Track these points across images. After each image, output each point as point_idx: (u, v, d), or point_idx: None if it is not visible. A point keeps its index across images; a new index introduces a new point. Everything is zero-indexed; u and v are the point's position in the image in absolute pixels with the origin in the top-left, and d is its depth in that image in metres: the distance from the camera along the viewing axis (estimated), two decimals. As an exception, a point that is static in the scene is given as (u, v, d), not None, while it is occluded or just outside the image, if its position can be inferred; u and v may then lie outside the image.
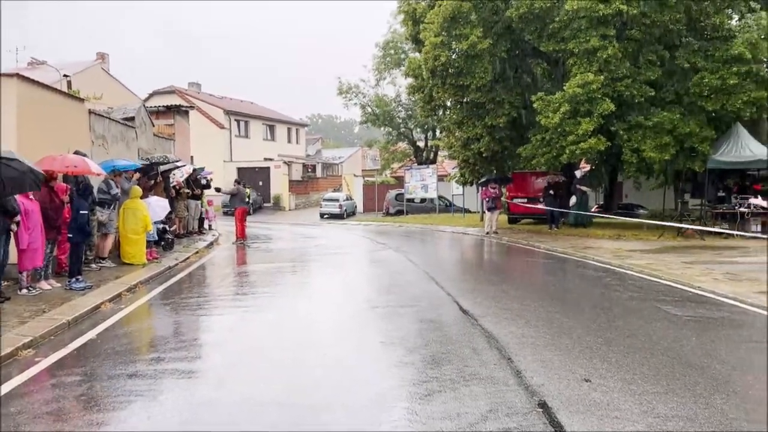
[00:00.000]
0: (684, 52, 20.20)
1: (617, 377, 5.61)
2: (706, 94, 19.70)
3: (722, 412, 4.75)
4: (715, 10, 20.03)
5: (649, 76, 19.98)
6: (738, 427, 4.46)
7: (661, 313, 8.55)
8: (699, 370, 5.83)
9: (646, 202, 29.84)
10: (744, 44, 19.04)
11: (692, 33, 21.10)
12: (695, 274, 11.98)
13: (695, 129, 19.54)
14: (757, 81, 19.53)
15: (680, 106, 20.09)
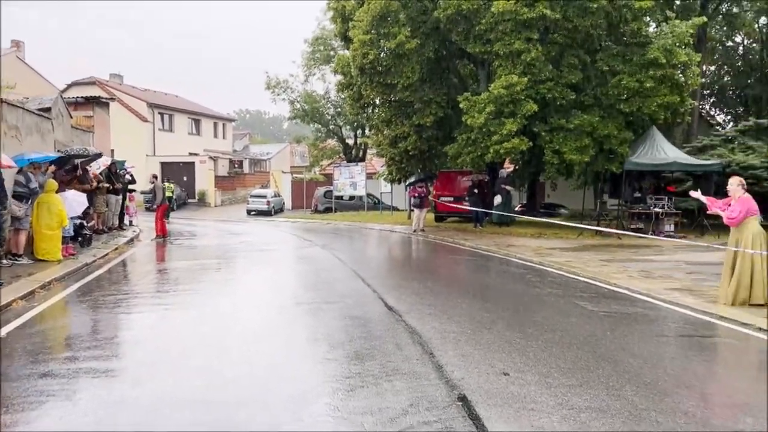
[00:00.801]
0: (604, 56, 20.92)
1: (534, 371, 5.77)
2: (624, 97, 20.49)
3: (633, 403, 4.94)
4: (633, 17, 20.81)
5: (571, 80, 20.60)
6: (647, 416, 4.65)
7: (578, 309, 8.85)
8: (612, 364, 6.05)
9: (567, 201, 30.75)
10: (660, 50, 19.86)
11: (612, 38, 21.88)
12: (612, 271, 12.44)
13: (614, 131, 20.28)
14: (671, 85, 20.44)
15: (600, 109, 20.79)
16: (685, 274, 12.10)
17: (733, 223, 9.05)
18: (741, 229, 9.01)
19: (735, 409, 4.90)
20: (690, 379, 5.63)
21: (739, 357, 6.57)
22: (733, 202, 9.18)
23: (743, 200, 9.06)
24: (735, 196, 9.15)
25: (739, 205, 9.03)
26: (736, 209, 8.99)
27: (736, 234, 9.08)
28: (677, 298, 9.57)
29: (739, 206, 9.00)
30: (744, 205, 9.00)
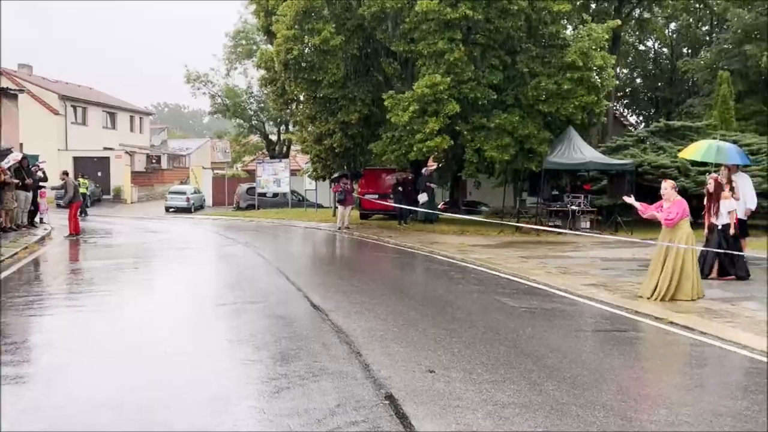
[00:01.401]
0: (524, 58, 21.44)
1: (459, 367, 5.85)
2: (543, 98, 21.05)
3: (554, 397, 5.08)
4: (552, 20, 21.41)
5: (492, 80, 21.01)
6: (568, 411, 4.79)
7: (500, 305, 9.04)
8: (534, 359, 6.21)
9: (488, 199, 31.38)
10: (577, 53, 20.51)
11: (532, 40, 22.43)
12: (531, 267, 12.77)
13: (534, 131, 20.82)
14: (588, 87, 21.15)
15: (520, 109, 21.29)
16: (601, 270, 12.54)
17: (670, 224, 9.37)
18: (675, 230, 9.37)
19: (650, 401, 5.11)
20: (607, 373, 5.84)
21: (652, 350, 6.86)
22: (666, 204, 9.52)
23: (678, 202, 9.48)
24: (670, 198, 9.49)
25: (675, 207, 9.40)
26: (674, 211, 9.34)
27: (669, 234, 9.43)
28: (594, 293, 9.90)
29: (676, 208, 9.37)
30: (680, 206, 9.41)
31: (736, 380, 6.00)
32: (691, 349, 6.94)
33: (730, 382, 5.98)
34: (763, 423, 4.62)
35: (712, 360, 6.59)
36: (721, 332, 7.36)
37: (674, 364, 6.48)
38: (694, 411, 4.91)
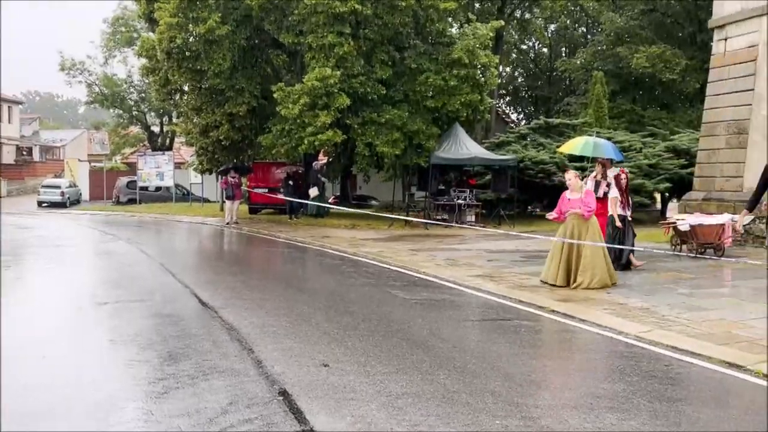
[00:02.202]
0: (412, 54, 21.80)
1: (353, 360, 5.89)
2: (431, 94, 21.51)
3: (445, 386, 5.21)
4: (438, 18, 21.88)
5: (382, 75, 21.22)
6: (458, 399, 4.93)
7: (392, 297, 9.18)
8: (425, 349, 6.34)
9: (377, 193, 31.68)
10: (463, 50, 21.07)
11: (420, 37, 22.84)
12: (420, 260, 13.03)
13: (422, 126, 21.23)
14: (473, 85, 21.79)
15: (409, 105, 21.65)
16: (486, 261, 12.97)
17: (590, 215, 9.72)
18: (584, 221, 9.71)
19: (534, 385, 5.35)
20: (495, 361, 6.05)
21: (536, 337, 7.18)
22: (575, 194, 9.81)
23: (590, 193, 9.94)
24: (576, 187, 9.86)
25: (590, 198, 9.81)
26: (591, 202, 9.76)
27: (579, 225, 9.71)
28: (480, 284, 10.23)
29: (591, 199, 9.81)
30: (593, 197, 9.89)
31: (613, 364, 6.37)
32: (571, 335, 7.32)
33: (607, 365, 6.35)
34: (637, 403, 4.94)
35: (591, 345, 6.98)
36: (598, 319, 7.80)
37: (556, 350, 6.81)
38: (576, 394, 5.19)
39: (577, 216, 9.73)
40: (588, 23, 44.25)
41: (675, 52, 29.69)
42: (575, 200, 9.77)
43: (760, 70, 15.09)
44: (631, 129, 28.64)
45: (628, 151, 23.22)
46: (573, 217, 9.78)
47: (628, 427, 4.43)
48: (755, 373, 5.68)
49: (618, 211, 11.34)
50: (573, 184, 9.86)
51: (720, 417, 4.72)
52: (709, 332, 7.06)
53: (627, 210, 11.65)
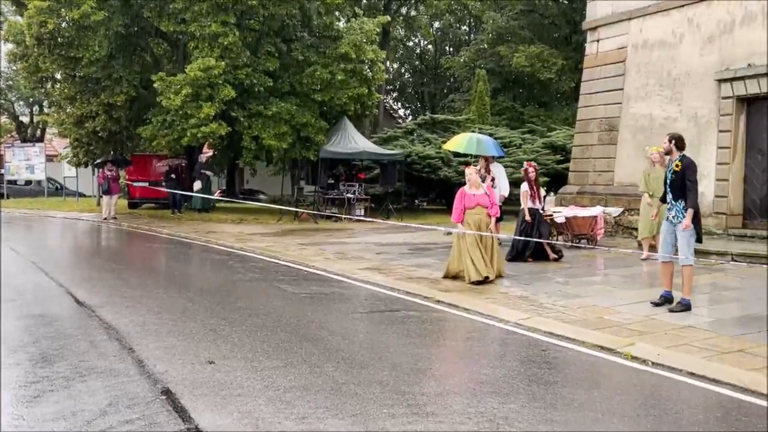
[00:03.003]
0: (299, 46, 21.64)
1: (240, 356, 5.80)
2: (319, 87, 21.45)
3: (333, 378, 5.24)
4: (325, 11, 21.85)
5: (268, 67, 20.93)
6: (347, 390, 4.97)
7: (281, 292, 9.10)
8: (314, 342, 6.34)
9: (266, 187, 31.31)
10: (350, 44, 21.16)
11: (307, 30, 22.73)
12: (310, 254, 13.00)
13: (311, 120, 21.14)
14: (360, 79, 21.93)
15: (296, 98, 21.49)
16: (375, 254, 13.11)
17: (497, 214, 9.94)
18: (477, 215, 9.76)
19: (420, 374, 5.47)
20: (382, 351, 6.14)
21: (422, 327, 7.33)
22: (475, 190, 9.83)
23: (491, 189, 10.07)
24: (476, 183, 9.87)
25: (494, 195, 9.93)
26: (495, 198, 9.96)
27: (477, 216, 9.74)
28: (369, 276, 10.34)
29: (494, 195, 9.94)
30: (495, 194, 10.04)
31: (494, 350, 6.64)
32: (456, 324, 7.54)
33: (489, 352, 6.60)
34: (517, 387, 5.17)
35: (474, 333, 7.22)
36: (481, 308, 8.09)
37: (441, 338, 6.99)
38: (460, 381, 5.36)
39: (481, 211, 9.75)
40: (471, 22, 45.57)
41: (552, 52, 31.08)
42: (479, 196, 9.78)
43: (628, 71, 16.09)
44: (512, 126, 29.77)
45: (509, 147, 24.15)
46: (476, 213, 9.74)
47: (508, 410, 4.62)
48: (624, 356, 6.08)
49: (528, 204, 11.72)
50: (473, 180, 9.86)
51: (593, 397, 5.01)
52: (582, 318, 7.48)
53: (538, 203, 11.98)
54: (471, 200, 9.75)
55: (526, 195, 11.76)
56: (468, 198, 9.77)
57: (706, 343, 6.37)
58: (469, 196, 9.78)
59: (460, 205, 9.81)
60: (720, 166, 13.77)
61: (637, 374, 5.65)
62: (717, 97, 13.95)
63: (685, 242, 7.78)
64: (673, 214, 7.86)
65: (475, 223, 9.69)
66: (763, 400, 4.95)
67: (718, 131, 13.88)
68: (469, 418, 4.44)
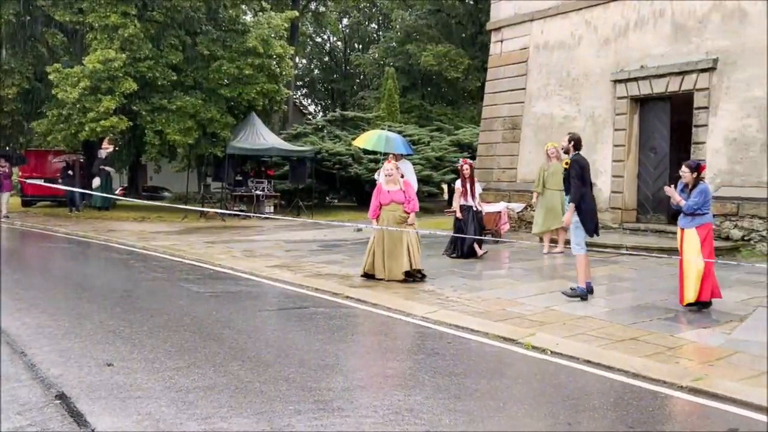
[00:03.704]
0: (204, 39, 21.15)
1: (141, 357, 5.63)
2: (225, 82, 21.06)
3: (238, 377, 5.16)
4: (232, 4, 21.47)
5: (172, 60, 20.37)
6: (252, 388, 4.90)
7: (185, 291, 8.88)
8: (218, 342, 6.23)
9: (170, 184, 30.46)
10: (257, 39, 20.85)
11: (212, 23, 22.25)
12: (216, 252, 12.75)
13: (217, 115, 20.70)
14: (268, 74, 21.67)
15: (202, 92, 21.01)
16: (284, 252, 13.01)
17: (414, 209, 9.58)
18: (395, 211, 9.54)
19: (328, 370, 5.47)
20: (289, 348, 6.11)
21: (330, 323, 7.33)
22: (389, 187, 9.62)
23: (409, 183, 9.90)
24: (396, 180, 9.66)
25: (411, 190, 9.74)
26: (413, 195, 9.70)
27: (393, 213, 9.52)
28: (277, 274, 10.24)
29: (412, 191, 9.75)
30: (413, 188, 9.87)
31: (401, 344, 6.72)
32: (364, 319, 7.59)
33: (396, 346, 6.67)
34: (422, 379, 5.26)
35: (382, 328, 7.28)
36: (389, 302, 8.17)
37: (349, 334, 7.01)
38: (366, 375, 5.40)
39: (396, 208, 9.55)
40: (380, 20, 45.85)
41: (459, 52, 31.70)
42: (394, 192, 9.59)
43: (530, 71, 16.63)
44: (421, 123, 30.19)
45: (418, 145, 24.50)
46: (391, 209, 9.54)
47: (413, 402, 4.69)
48: (525, 346, 6.28)
49: (460, 201, 11.77)
50: (395, 177, 9.66)
51: (495, 387, 5.15)
52: (486, 310, 7.68)
53: (471, 200, 11.83)
54: (386, 197, 9.61)
55: (459, 192, 11.82)
56: (383, 194, 9.63)
57: (601, 332, 6.67)
58: (384, 193, 9.63)
59: (375, 201, 9.67)
60: (615, 163, 14.46)
61: (537, 363, 5.85)
62: (612, 97, 14.63)
63: (572, 234, 8.35)
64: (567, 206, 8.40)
65: (390, 220, 9.51)
66: (653, 384, 5.24)
67: (614, 130, 14.57)
68: (375, 412, 4.49)
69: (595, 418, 4.52)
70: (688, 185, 7.71)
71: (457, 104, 35.36)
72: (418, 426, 4.27)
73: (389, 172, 9.69)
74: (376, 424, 4.27)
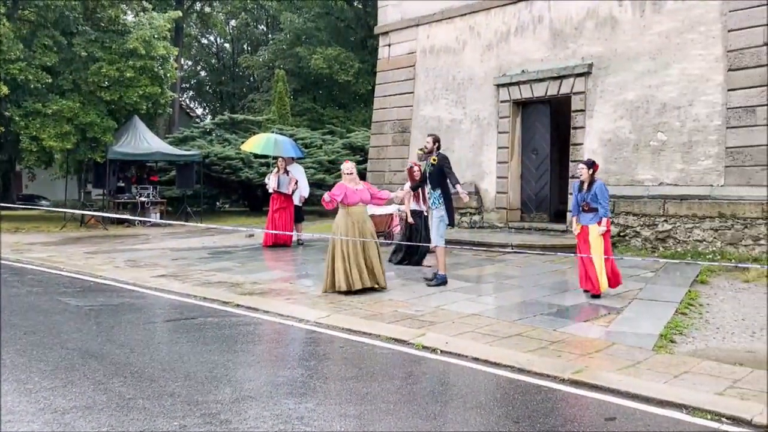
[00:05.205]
0: (81, 40, 20.16)
1: (12, 378, 5.27)
2: (105, 84, 20.16)
3: (120, 394, 4.93)
4: (110, 4, 20.58)
5: (46, 62, 19.29)
6: (135, 405, 4.70)
7: (62, 306, 8.41)
8: (99, 358, 5.93)
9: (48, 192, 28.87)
10: (139, 40, 20.08)
11: (89, 23, 21.25)
12: (97, 263, 12.16)
13: (96, 119, 19.77)
14: (151, 77, 20.91)
15: (80, 95, 20.02)
16: (171, 260, 12.58)
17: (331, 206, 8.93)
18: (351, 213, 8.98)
19: (216, 381, 5.32)
20: (176, 362, 5.90)
21: (219, 333, 7.15)
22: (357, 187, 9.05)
23: (369, 185, 9.31)
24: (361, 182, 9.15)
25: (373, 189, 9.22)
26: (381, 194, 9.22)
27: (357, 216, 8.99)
28: (164, 284, 9.88)
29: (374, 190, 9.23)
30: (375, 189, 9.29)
31: (293, 351, 6.65)
32: (255, 327, 7.43)
33: (288, 353, 6.60)
34: (313, 386, 5.22)
35: (273, 335, 7.19)
36: (281, 309, 8.07)
37: (239, 343, 6.85)
38: (256, 384, 5.29)
39: (363, 208, 9.10)
40: (268, 22, 45.33)
41: (349, 55, 31.82)
42: (361, 191, 9.00)
43: (418, 75, 16.93)
44: (313, 126, 30.09)
45: (310, 148, 24.41)
46: (359, 210, 9.03)
47: (304, 409, 4.65)
48: (416, 346, 6.37)
49: (412, 206, 11.23)
50: (355, 176, 9.09)
51: (386, 389, 5.19)
52: (379, 312, 7.74)
53: (422, 204, 11.17)
54: (354, 196, 8.89)
55: (409, 196, 11.08)
56: (351, 193, 8.88)
57: (488, 329, 6.87)
58: (351, 191, 8.89)
59: (337, 197, 8.84)
60: (500, 164, 14.96)
61: (427, 363, 5.95)
62: (496, 100, 15.14)
63: (435, 227, 8.84)
64: (431, 201, 8.71)
65: (358, 222, 8.90)
66: (537, 378, 5.45)
67: (498, 132, 15.07)
68: (264, 422, 4.41)
69: (482, 414, 4.64)
70: (584, 183, 8.24)
71: (349, 107, 35.46)
72: (309, 434, 4.23)
73: (350, 171, 8.99)
74: (265, 435, 4.20)
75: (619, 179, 13.00)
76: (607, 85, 13.34)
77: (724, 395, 4.93)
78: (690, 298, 8.33)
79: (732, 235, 11.29)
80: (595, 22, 13.58)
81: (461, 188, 8.94)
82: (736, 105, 11.49)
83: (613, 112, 13.23)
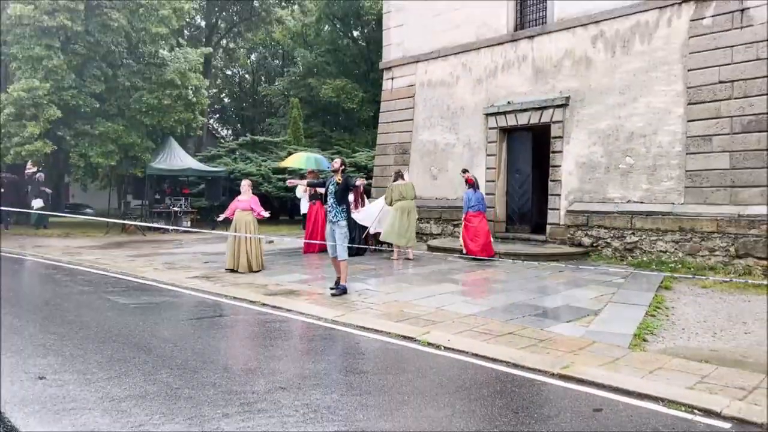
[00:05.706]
0: (125, 71, 20.19)
1: (72, 370, 5.22)
2: (145, 110, 20.14)
3: (168, 384, 4.88)
4: (151, 40, 20.58)
5: (95, 90, 19.28)
6: (182, 394, 4.65)
7: (111, 303, 8.35)
8: (146, 351, 5.88)
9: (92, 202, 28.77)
10: (175, 72, 20.10)
11: (133, 56, 21.26)
12: (139, 265, 12.10)
13: (137, 140, 19.78)
14: (185, 104, 20.91)
15: (123, 119, 20.01)
16: (203, 263, 12.52)
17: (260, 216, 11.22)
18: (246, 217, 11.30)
19: (250, 374, 5.28)
20: (214, 354, 5.85)
21: (250, 329, 7.10)
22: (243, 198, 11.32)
23: (255, 197, 11.42)
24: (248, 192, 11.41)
25: (254, 202, 11.27)
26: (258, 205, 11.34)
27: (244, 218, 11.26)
28: (198, 285, 9.83)
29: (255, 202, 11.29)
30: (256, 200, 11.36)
31: (316, 346, 6.59)
32: (280, 324, 7.37)
33: (311, 348, 6.54)
34: (336, 378, 5.17)
35: (297, 332, 7.13)
36: (302, 308, 8.01)
37: (268, 339, 6.81)
38: (286, 376, 5.24)
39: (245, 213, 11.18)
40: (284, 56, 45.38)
41: (354, 86, 31.81)
42: (243, 201, 11.24)
43: (417, 104, 16.94)
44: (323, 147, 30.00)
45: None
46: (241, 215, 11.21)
47: (330, 400, 4.61)
48: (422, 343, 6.33)
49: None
50: (246, 190, 11.39)
51: (400, 381, 5.15)
52: (387, 312, 7.70)
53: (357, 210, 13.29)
54: (239, 204, 11.29)
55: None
56: (237, 203, 11.34)
57: (484, 329, 6.83)
58: (238, 201, 11.36)
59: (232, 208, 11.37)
60: (488, 182, 14.94)
61: (433, 358, 5.90)
62: (485, 127, 15.14)
63: (340, 240, 8.88)
64: (333, 215, 8.91)
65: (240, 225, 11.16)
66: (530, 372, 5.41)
67: (486, 155, 15.07)
68: (296, 411, 4.36)
69: (486, 405, 4.59)
70: None
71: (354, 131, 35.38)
72: (337, 422, 4.19)
73: (244, 186, 11.59)
74: (298, 423, 4.15)
75: (592, 197, 12.99)
76: (582, 116, 13.35)
77: (695, 389, 4.90)
78: (657, 302, 8.31)
79: (691, 246, 11.29)
80: (572, 60, 13.61)
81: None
82: (695, 134, 11.51)
83: (587, 139, 13.24)
